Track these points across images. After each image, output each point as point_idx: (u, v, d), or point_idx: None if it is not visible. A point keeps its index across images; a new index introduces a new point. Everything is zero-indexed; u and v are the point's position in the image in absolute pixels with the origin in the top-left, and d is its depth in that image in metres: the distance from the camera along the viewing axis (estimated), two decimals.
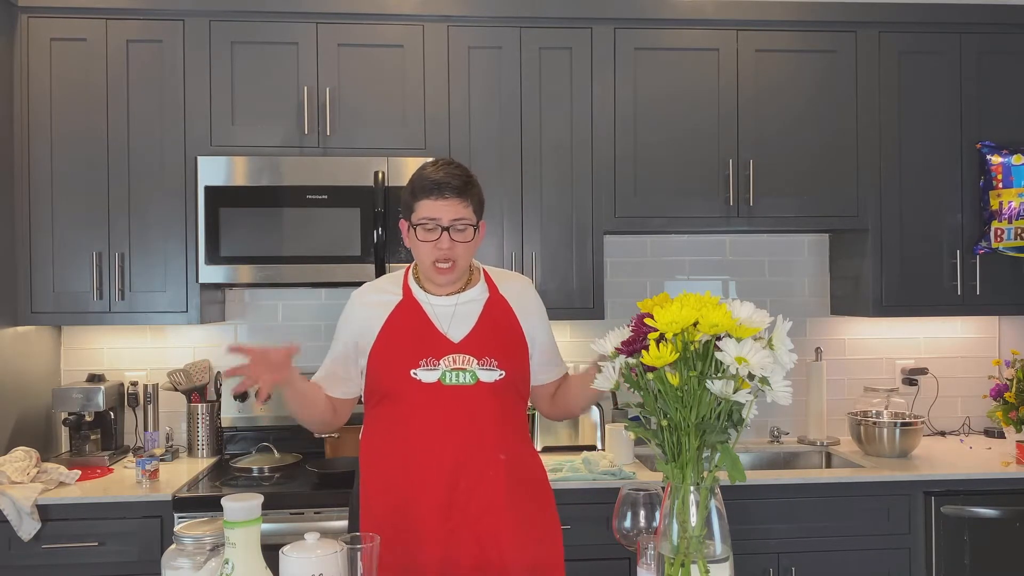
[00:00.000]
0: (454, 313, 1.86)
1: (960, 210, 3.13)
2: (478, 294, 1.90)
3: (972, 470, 2.80)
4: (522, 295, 1.95)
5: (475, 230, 1.84)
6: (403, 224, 1.87)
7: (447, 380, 1.80)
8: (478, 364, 1.81)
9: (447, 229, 1.78)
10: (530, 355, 1.93)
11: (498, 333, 1.87)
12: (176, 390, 3.11)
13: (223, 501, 1.27)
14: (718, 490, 1.16)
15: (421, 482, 1.79)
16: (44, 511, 2.50)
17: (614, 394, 3.20)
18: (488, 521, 1.79)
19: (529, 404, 2.00)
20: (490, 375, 1.81)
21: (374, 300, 1.91)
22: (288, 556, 1.31)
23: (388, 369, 1.83)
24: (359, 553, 1.35)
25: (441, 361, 1.81)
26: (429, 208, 1.79)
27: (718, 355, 1.11)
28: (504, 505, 1.80)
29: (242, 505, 1.25)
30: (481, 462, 1.80)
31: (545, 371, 1.97)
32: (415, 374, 1.81)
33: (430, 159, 2.84)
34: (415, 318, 1.86)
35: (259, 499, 1.28)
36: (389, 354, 1.84)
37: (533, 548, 1.83)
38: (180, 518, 2.49)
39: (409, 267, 1.94)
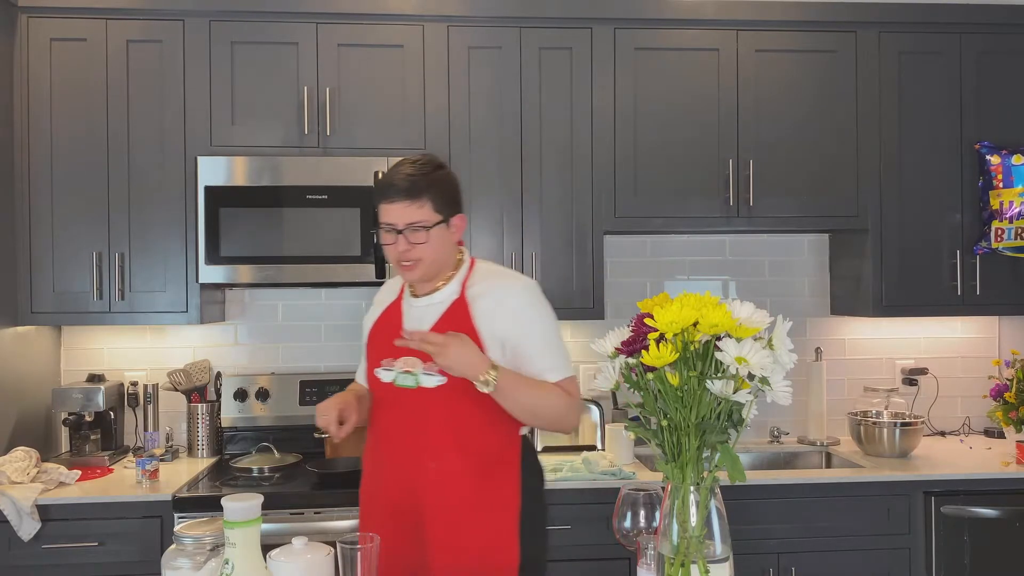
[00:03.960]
0: (422, 315, 1.88)
1: (960, 210, 3.13)
2: (446, 296, 1.88)
3: (972, 470, 2.80)
4: (491, 296, 1.85)
5: (430, 230, 1.80)
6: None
7: (398, 382, 1.80)
8: (422, 368, 1.79)
9: (402, 232, 1.80)
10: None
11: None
12: (176, 390, 3.11)
13: (223, 501, 1.27)
14: (718, 490, 1.16)
15: (376, 480, 1.89)
16: (44, 511, 2.50)
17: (614, 394, 3.20)
18: (425, 528, 1.81)
19: None
20: (431, 380, 1.78)
21: (381, 299, 2.02)
22: (275, 561, 1.31)
23: (368, 365, 1.93)
24: (358, 554, 1.35)
25: (396, 362, 1.81)
26: (384, 212, 1.82)
27: (718, 355, 1.11)
28: (438, 514, 1.81)
29: (242, 505, 1.25)
30: (416, 468, 1.83)
31: None
32: (377, 373, 1.84)
33: None
34: (393, 318, 1.93)
35: (259, 499, 1.28)
36: (369, 351, 1.95)
37: (473, 555, 1.79)
38: (180, 518, 2.49)
39: None
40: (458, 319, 1.84)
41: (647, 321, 1.16)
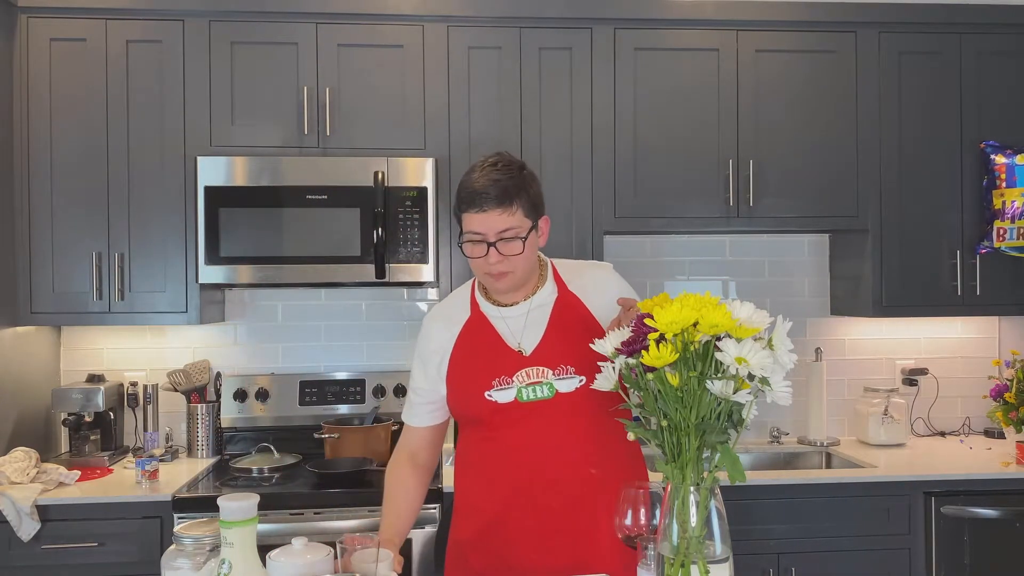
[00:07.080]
0: (526, 322, 1.73)
1: (960, 210, 3.13)
2: (547, 296, 1.75)
3: (972, 470, 2.80)
4: (596, 286, 1.77)
5: (527, 237, 1.67)
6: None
7: (524, 397, 1.67)
8: (554, 375, 1.68)
9: (493, 244, 1.64)
10: None
11: (571, 336, 1.70)
12: (176, 390, 3.11)
13: (219, 501, 1.27)
14: (718, 490, 1.15)
15: (509, 506, 1.70)
16: (44, 511, 2.50)
17: None
18: (587, 542, 1.68)
19: None
20: (569, 384, 1.67)
21: (443, 321, 1.80)
22: (275, 561, 1.31)
23: (464, 394, 1.73)
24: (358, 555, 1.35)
25: (514, 378, 1.68)
26: (471, 222, 1.65)
27: (718, 355, 1.11)
28: (604, 524, 1.65)
29: (238, 504, 1.25)
30: (571, 481, 1.68)
31: None
32: (489, 396, 1.69)
33: (429, 159, 2.87)
34: (484, 335, 1.74)
35: (255, 499, 1.28)
36: (462, 378, 1.74)
37: (617, 557, 1.68)
38: (180, 518, 2.49)
39: (474, 279, 1.82)
40: (574, 314, 1.74)
41: (647, 321, 1.16)
